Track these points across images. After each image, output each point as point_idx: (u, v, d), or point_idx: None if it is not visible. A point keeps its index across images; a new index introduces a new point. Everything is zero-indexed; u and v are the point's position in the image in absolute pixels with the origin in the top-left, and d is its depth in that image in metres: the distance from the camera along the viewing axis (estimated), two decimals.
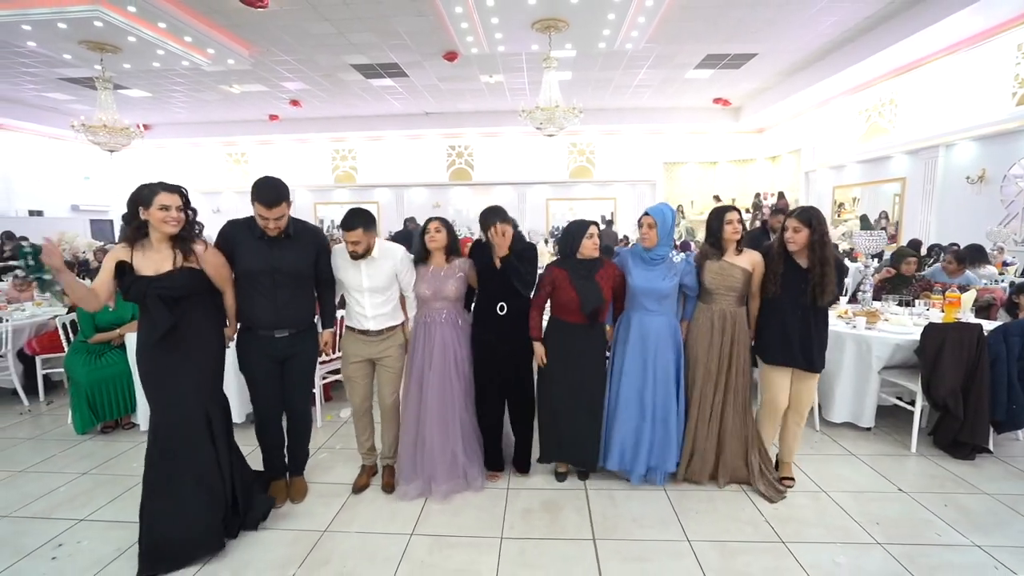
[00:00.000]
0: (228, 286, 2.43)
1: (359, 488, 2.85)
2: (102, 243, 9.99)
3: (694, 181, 14.41)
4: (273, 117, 13.38)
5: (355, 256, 2.60)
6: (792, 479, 2.87)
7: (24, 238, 9.12)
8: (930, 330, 3.11)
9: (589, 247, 2.72)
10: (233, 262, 2.42)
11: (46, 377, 4.44)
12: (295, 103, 12.00)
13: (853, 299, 4.31)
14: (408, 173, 14.92)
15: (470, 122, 13.52)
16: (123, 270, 2.16)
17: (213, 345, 2.36)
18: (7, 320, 4.14)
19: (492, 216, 2.73)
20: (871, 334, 3.39)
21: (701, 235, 12.00)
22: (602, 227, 3.26)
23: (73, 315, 4.14)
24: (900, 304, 3.98)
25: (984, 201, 7.44)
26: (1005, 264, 6.06)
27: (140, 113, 12.44)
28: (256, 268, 2.43)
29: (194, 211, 2.28)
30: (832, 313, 3.86)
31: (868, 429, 3.50)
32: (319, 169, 15.08)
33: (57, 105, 11.87)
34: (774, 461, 2.94)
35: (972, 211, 7.61)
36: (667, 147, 14.28)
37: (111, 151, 8.82)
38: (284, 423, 2.73)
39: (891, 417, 3.68)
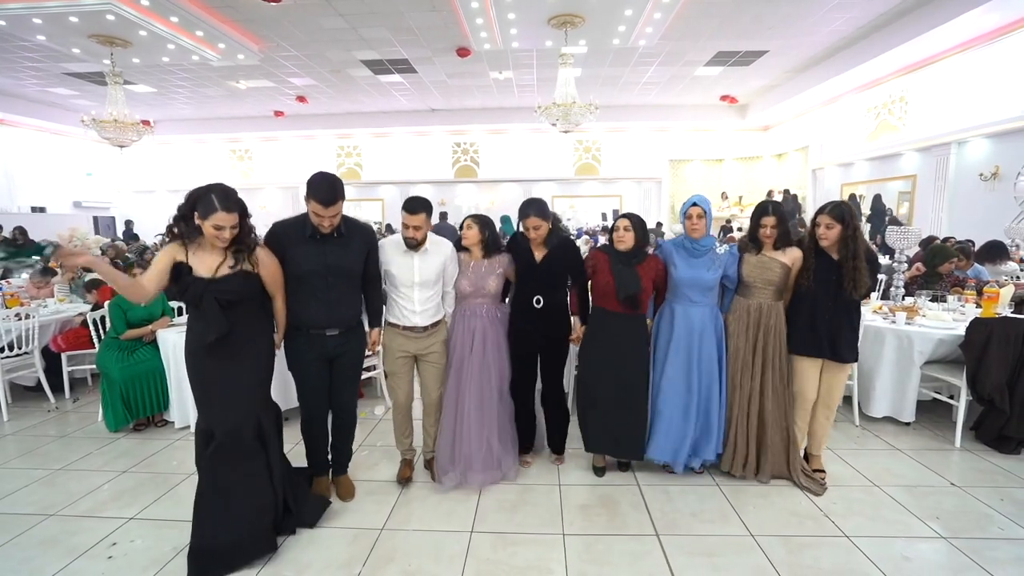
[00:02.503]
0: (280, 292, 2.39)
1: (404, 480, 2.85)
2: (110, 239, 9.90)
3: (700, 179, 14.40)
4: (279, 113, 13.29)
5: (412, 243, 2.58)
6: (823, 471, 2.87)
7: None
8: (976, 324, 3.12)
9: (615, 239, 2.77)
10: (284, 263, 2.38)
11: (69, 374, 4.38)
12: (301, 99, 11.91)
13: (885, 295, 4.32)
14: (413, 170, 14.85)
15: (476, 119, 13.47)
16: (181, 270, 2.10)
17: (264, 350, 2.32)
18: (33, 316, 4.08)
19: (527, 208, 2.82)
20: (912, 329, 3.39)
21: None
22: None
23: (101, 311, 4.08)
24: (933, 300, 3.99)
25: (997, 198, 7.47)
26: (1023, 260, 6.08)
27: (143, 109, 12.30)
28: (310, 269, 2.39)
29: (251, 227, 2.20)
30: (866, 308, 3.88)
31: (908, 424, 3.51)
32: (324, 166, 14.84)
33: (60, 100, 11.73)
34: (802, 454, 2.93)
35: (985, 208, 7.64)
36: (673, 144, 14.28)
37: (120, 146, 8.73)
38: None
39: (929, 412, 3.68)
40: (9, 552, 2.33)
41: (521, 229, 2.85)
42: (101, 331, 4.07)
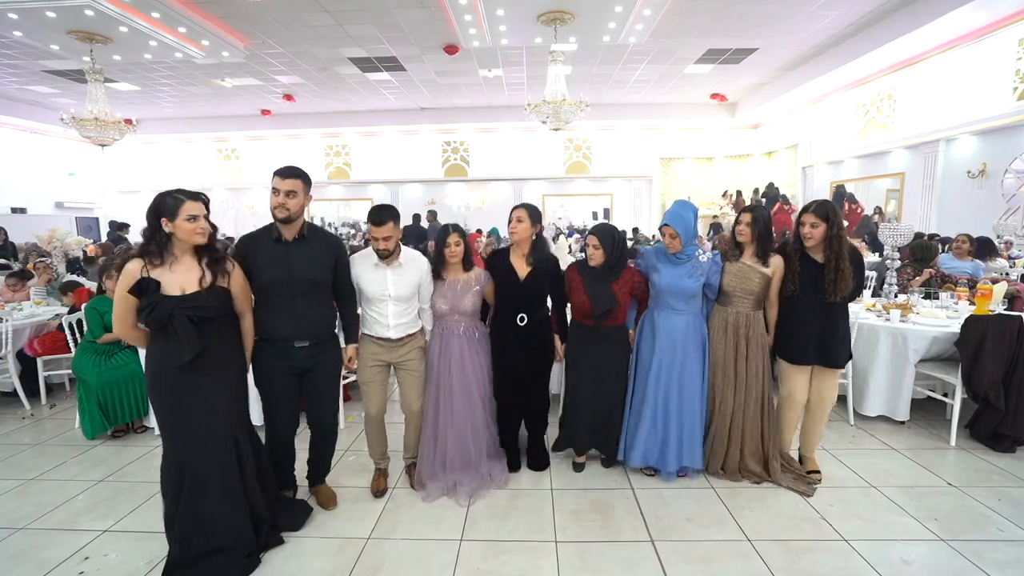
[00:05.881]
0: (249, 309, 2.30)
1: (379, 492, 2.74)
2: (92, 240, 9.67)
3: (691, 177, 14.43)
4: (265, 112, 13.11)
5: (384, 254, 2.49)
6: (818, 472, 2.84)
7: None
8: (971, 322, 3.09)
9: (587, 255, 2.76)
10: (250, 275, 2.29)
11: (46, 379, 4.24)
12: (288, 97, 11.75)
13: (877, 293, 4.30)
14: (403, 169, 14.72)
15: (466, 117, 13.39)
16: (146, 287, 1.93)
17: (238, 368, 2.23)
18: (7, 320, 3.94)
19: (519, 205, 2.82)
20: (907, 327, 3.36)
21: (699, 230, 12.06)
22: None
23: (77, 314, 3.95)
24: (926, 297, 3.97)
25: (985, 195, 7.52)
26: (1011, 257, 6.12)
27: (127, 108, 12.05)
28: (274, 278, 2.31)
29: (214, 226, 2.10)
30: (860, 306, 3.85)
31: (902, 423, 3.48)
32: (312, 165, 14.74)
33: (40, 99, 11.47)
34: (797, 457, 2.92)
35: (973, 205, 7.69)
36: (663, 143, 14.27)
37: (102, 145, 8.53)
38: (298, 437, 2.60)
39: (922, 410, 3.66)
40: None
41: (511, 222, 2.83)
42: (78, 335, 3.94)
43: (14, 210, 12.21)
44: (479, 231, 10.41)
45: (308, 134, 14.27)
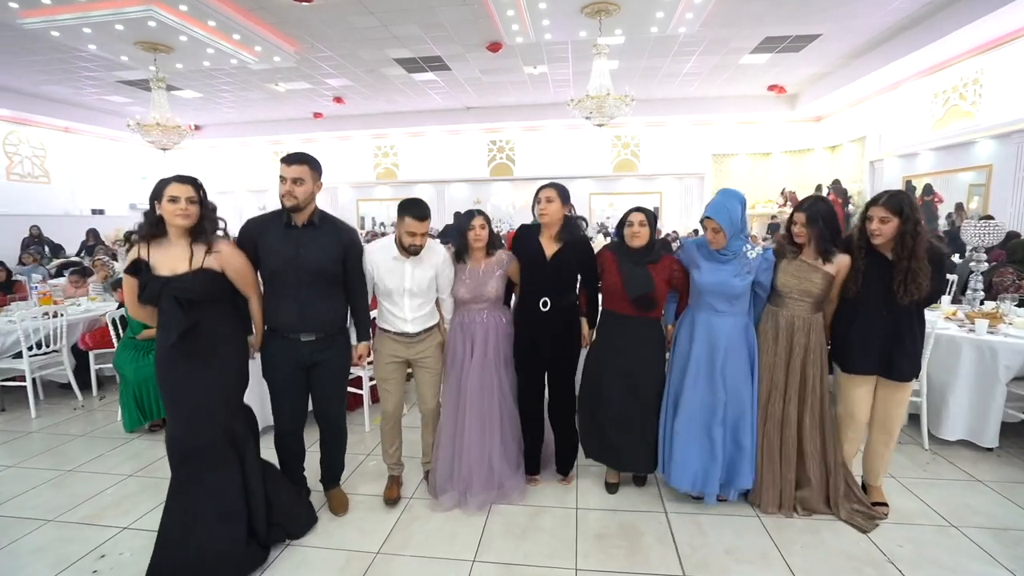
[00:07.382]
0: (254, 291, 2.26)
1: (391, 501, 2.64)
2: None
3: (746, 174, 13.65)
4: (317, 115, 13.53)
5: (415, 251, 2.40)
6: (885, 504, 2.47)
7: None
8: None
9: (629, 235, 2.50)
10: (257, 259, 2.26)
11: (98, 372, 4.44)
12: (338, 100, 12.05)
13: (958, 300, 3.80)
14: (449, 169, 14.81)
15: (511, 116, 13.29)
16: (138, 267, 1.99)
17: (236, 355, 2.18)
18: (62, 315, 4.14)
19: (542, 188, 2.58)
20: (996, 339, 2.92)
21: (753, 230, 11.39)
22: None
23: (123, 311, 4.10)
24: (1020, 305, 3.46)
25: None
26: None
27: (192, 114, 12.77)
28: (279, 266, 2.26)
29: (213, 207, 2.09)
30: (937, 315, 3.40)
31: (990, 450, 3.02)
32: (361, 166, 15.17)
33: (116, 108, 12.32)
34: (860, 484, 2.56)
35: None
36: (716, 138, 13.62)
37: (164, 149, 9.03)
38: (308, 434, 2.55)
39: (1016, 436, 3.17)
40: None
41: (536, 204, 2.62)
42: (121, 330, 4.08)
43: (94, 211, 13.21)
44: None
45: (357, 135, 14.59)
